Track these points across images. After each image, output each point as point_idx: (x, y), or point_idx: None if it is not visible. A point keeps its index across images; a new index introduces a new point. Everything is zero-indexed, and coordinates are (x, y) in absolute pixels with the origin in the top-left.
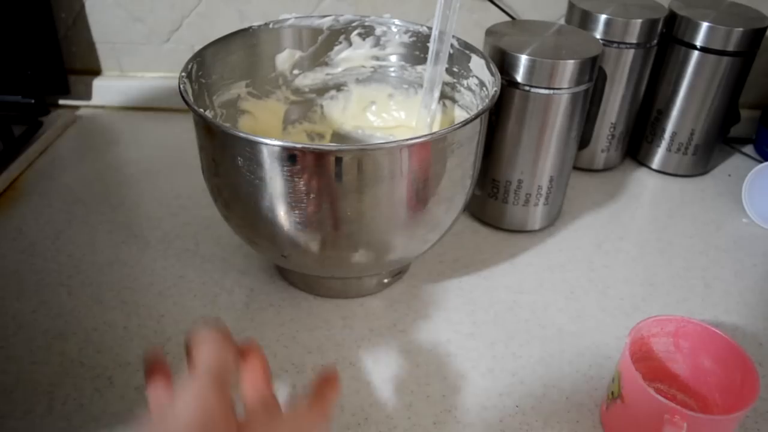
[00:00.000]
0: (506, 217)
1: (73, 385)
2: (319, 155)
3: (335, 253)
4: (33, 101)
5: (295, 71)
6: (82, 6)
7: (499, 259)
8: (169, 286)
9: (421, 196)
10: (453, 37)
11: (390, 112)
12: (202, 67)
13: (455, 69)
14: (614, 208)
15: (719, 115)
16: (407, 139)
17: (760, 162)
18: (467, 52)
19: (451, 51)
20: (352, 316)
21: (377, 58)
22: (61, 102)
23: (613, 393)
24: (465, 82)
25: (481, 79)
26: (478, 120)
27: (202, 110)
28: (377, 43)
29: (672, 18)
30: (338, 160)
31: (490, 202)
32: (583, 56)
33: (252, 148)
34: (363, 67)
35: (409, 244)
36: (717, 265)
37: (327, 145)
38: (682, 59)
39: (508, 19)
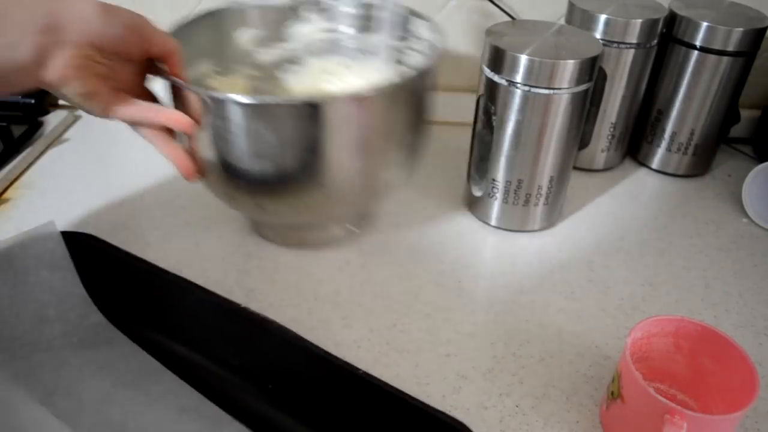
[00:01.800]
0: (506, 217)
1: None
2: (276, 108)
3: (304, 199)
4: (33, 101)
5: (256, 48)
6: None
7: (499, 259)
8: None
9: (368, 144)
10: (395, 5)
11: (346, 81)
12: None
13: (403, 34)
14: (614, 208)
15: (719, 115)
16: (354, 92)
17: (760, 162)
18: (412, 17)
19: (396, 17)
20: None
21: (330, 31)
22: (61, 102)
23: (613, 393)
24: (413, 45)
25: (428, 40)
26: (421, 75)
27: (173, 76)
28: (329, 17)
29: (672, 18)
30: (294, 112)
31: (490, 202)
32: (583, 56)
33: (219, 104)
34: (318, 40)
35: (365, 189)
36: (717, 265)
37: (283, 97)
38: (682, 59)
39: (508, 19)
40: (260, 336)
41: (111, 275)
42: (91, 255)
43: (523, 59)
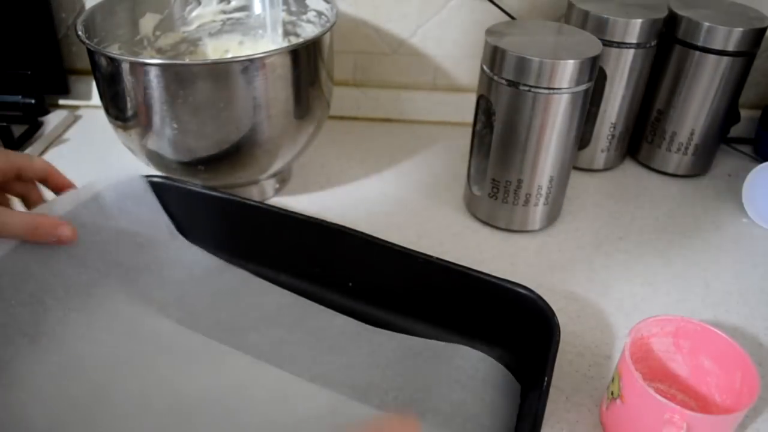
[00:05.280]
0: (506, 217)
1: None
2: (181, 69)
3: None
4: (33, 101)
5: (157, 33)
6: (83, 6)
7: (499, 259)
8: None
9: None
10: None
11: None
12: (87, 31)
13: (293, 8)
14: (614, 208)
15: (719, 115)
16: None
17: (760, 162)
18: None
19: None
20: None
21: (224, 12)
22: (61, 102)
23: (612, 393)
24: (304, 16)
25: (319, 10)
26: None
27: (95, 45)
28: None
29: (672, 18)
30: (190, 74)
31: (490, 202)
32: (583, 56)
33: (136, 68)
34: (213, 21)
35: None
36: (717, 265)
37: (182, 61)
38: (682, 59)
39: (508, 19)
40: (339, 242)
41: (186, 208)
42: (166, 192)
43: (523, 59)
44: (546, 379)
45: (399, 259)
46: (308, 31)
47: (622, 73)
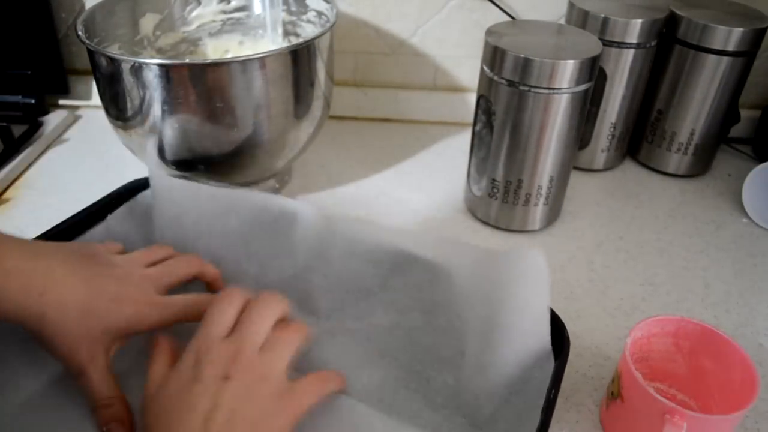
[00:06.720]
0: (506, 217)
1: None
2: (183, 68)
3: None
4: (33, 101)
5: (157, 32)
6: (83, 6)
7: None
8: None
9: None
10: None
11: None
12: (87, 32)
13: (292, 8)
14: (614, 208)
15: (719, 115)
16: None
17: (760, 162)
18: None
19: None
20: None
21: (224, 12)
22: (61, 102)
23: (613, 393)
24: (304, 16)
25: (319, 10)
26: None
27: (95, 45)
28: None
29: (672, 18)
30: (189, 73)
31: (490, 202)
32: (583, 56)
33: (136, 68)
34: (213, 21)
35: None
36: (717, 265)
37: (180, 61)
38: (682, 59)
39: (508, 19)
40: None
41: None
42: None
43: (523, 59)
44: (553, 391)
45: None
46: (308, 31)
47: (622, 73)
